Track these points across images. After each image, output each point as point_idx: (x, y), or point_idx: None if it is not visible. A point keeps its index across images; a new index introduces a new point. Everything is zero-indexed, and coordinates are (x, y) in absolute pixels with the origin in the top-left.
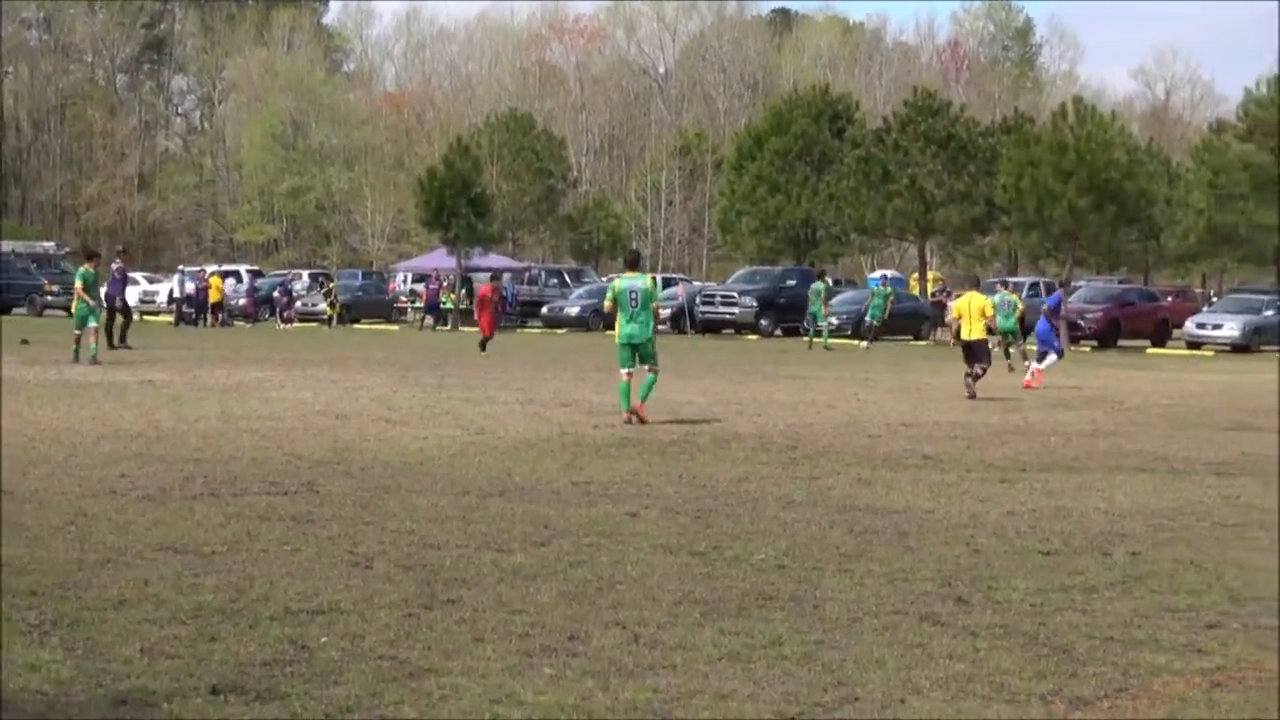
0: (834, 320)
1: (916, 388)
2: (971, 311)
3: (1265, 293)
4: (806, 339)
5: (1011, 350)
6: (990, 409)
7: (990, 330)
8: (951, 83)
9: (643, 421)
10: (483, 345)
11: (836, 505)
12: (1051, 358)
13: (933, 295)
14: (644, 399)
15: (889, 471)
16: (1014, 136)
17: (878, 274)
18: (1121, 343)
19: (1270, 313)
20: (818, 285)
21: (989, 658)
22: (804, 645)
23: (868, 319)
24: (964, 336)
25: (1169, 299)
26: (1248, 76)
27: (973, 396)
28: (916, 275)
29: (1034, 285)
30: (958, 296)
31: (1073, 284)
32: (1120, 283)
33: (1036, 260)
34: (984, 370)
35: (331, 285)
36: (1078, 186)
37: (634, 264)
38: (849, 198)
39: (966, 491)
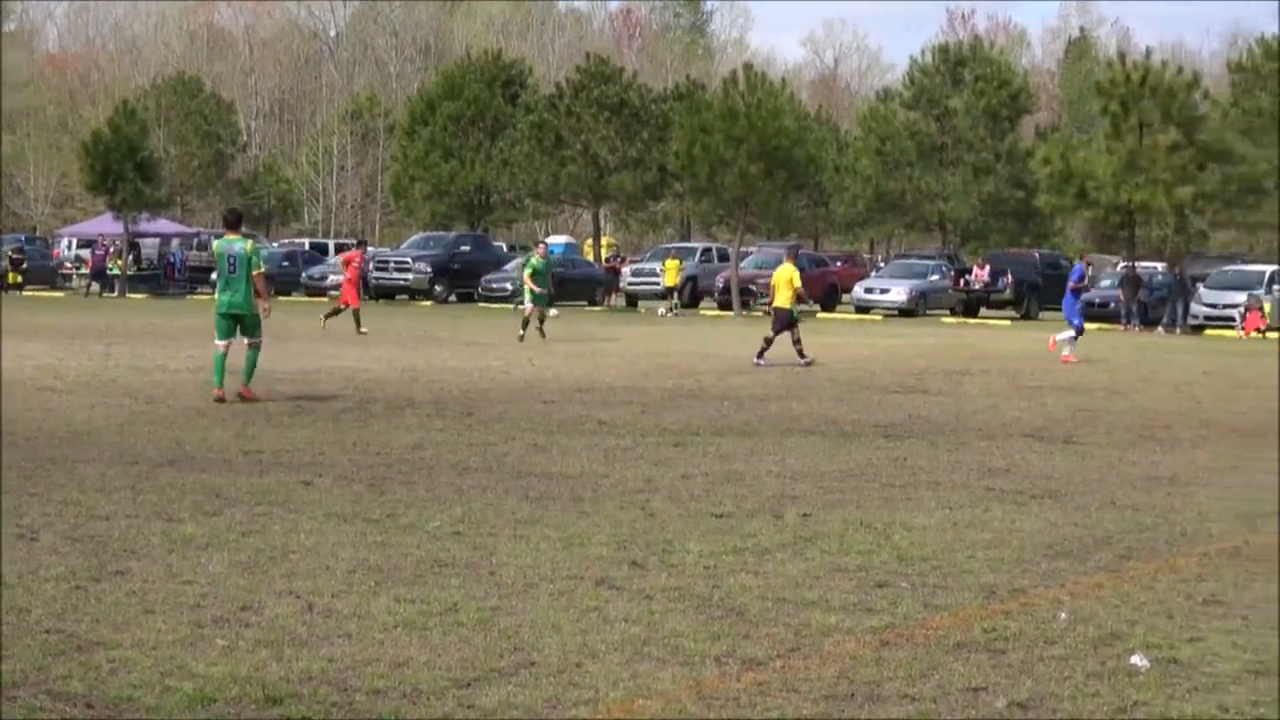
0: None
1: (591, 353)
2: (780, 281)
3: (930, 258)
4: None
5: None
6: (664, 374)
7: (800, 299)
8: (624, 49)
9: (254, 400)
10: (357, 321)
11: (512, 471)
12: (1069, 333)
13: (607, 261)
14: (248, 380)
15: (564, 437)
16: (686, 103)
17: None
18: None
19: (936, 277)
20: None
21: (664, 621)
22: (480, 611)
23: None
24: (774, 304)
25: (838, 264)
26: (913, 45)
27: (802, 358)
28: (591, 241)
29: (706, 251)
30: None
31: (743, 250)
32: (790, 248)
33: (709, 226)
34: (796, 339)
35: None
36: (749, 153)
37: (234, 224)
38: (523, 163)
39: (641, 456)
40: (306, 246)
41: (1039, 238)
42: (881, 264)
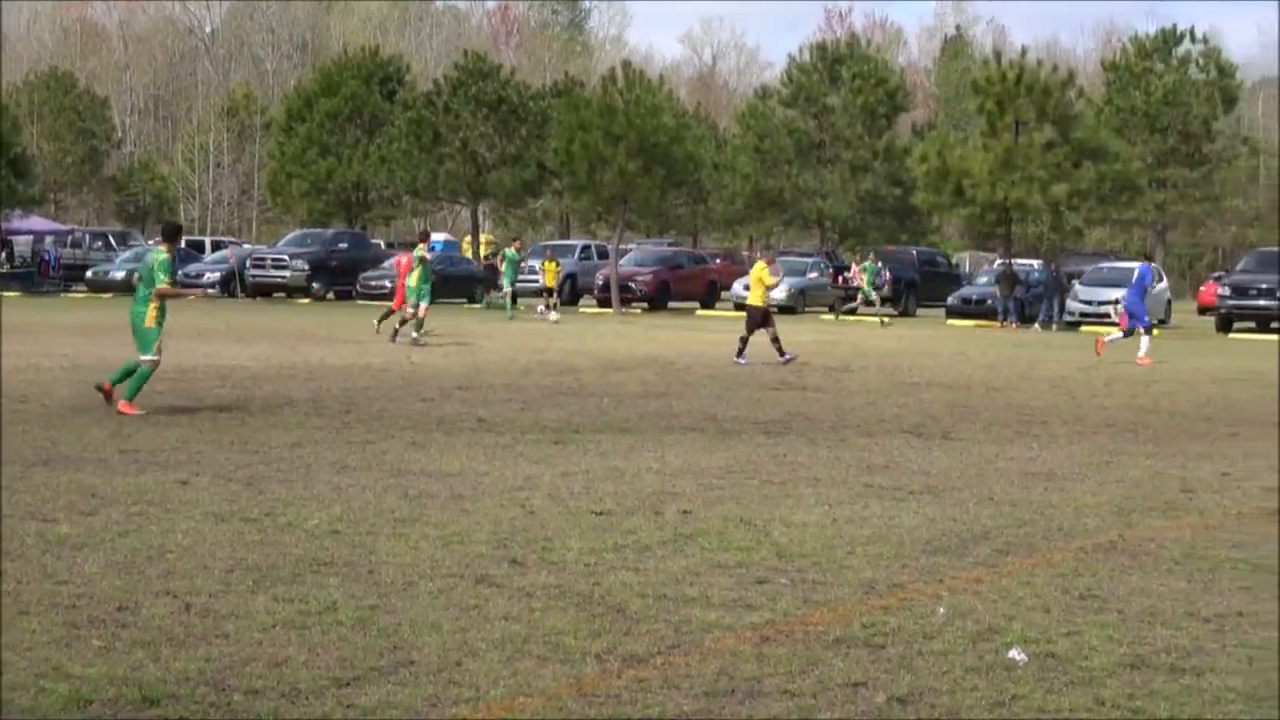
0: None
1: (471, 351)
2: (753, 280)
3: (809, 255)
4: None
5: None
6: (543, 371)
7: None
8: (502, 46)
9: (110, 403)
10: (402, 321)
11: (391, 469)
12: (1117, 334)
13: (486, 258)
14: (131, 396)
15: (444, 435)
16: (564, 101)
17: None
18: (672, 304)
19: (815, 275)
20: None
21: (544, 618)
22: (359, 610)
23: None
24: (747, 302)
25: (717, 261)
26: (791, 43)
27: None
28: (469, 238)
29: (585, 248)
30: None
31: (622, 247)
32: (670, 245)
33: (588, 224)
34: (774, 336)
35: None
36: (627, 150)
37: (169, 236)
38: (401, 160)
39: (521, 454)
40: (183, 245)
41: (916, 235)
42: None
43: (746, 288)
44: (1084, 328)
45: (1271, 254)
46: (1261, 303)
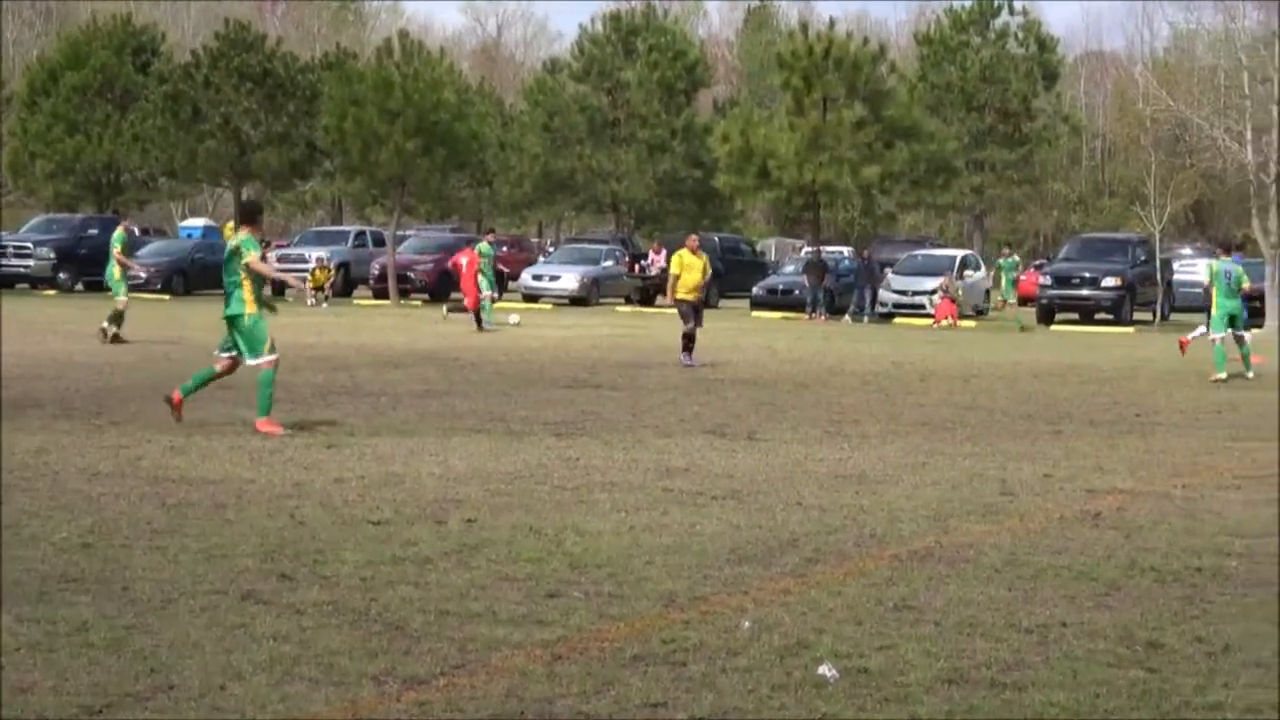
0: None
1: None
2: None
3: (603, 242)
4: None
5: None
6: (315, 368)
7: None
8: (267, 14)
9: (175, 410)
10: (477, 319)
11: (147, 476)
12: (1202, 329)
13: None
14: (265, 411)
15: (205, 438)
16: (336, 74)
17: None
18: (455, 295)
19: (610, 263)
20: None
21: (316, 637)
22: (113, 631)
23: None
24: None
25: (504, 249)
26: (582, 12)
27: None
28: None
29: (359, 235)
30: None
31: (400, 233)
32: (452, 231)
33: (363, 208)
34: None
35: None
36: (405, 128)
37: (247, 218)
38: (156, 138)
39: (290, 459)
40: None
41: (719, 220)
42: (551, 249)
43: (536, 278)
44: (897, 319)
45: (1094, 241)
46: (1085, 293)
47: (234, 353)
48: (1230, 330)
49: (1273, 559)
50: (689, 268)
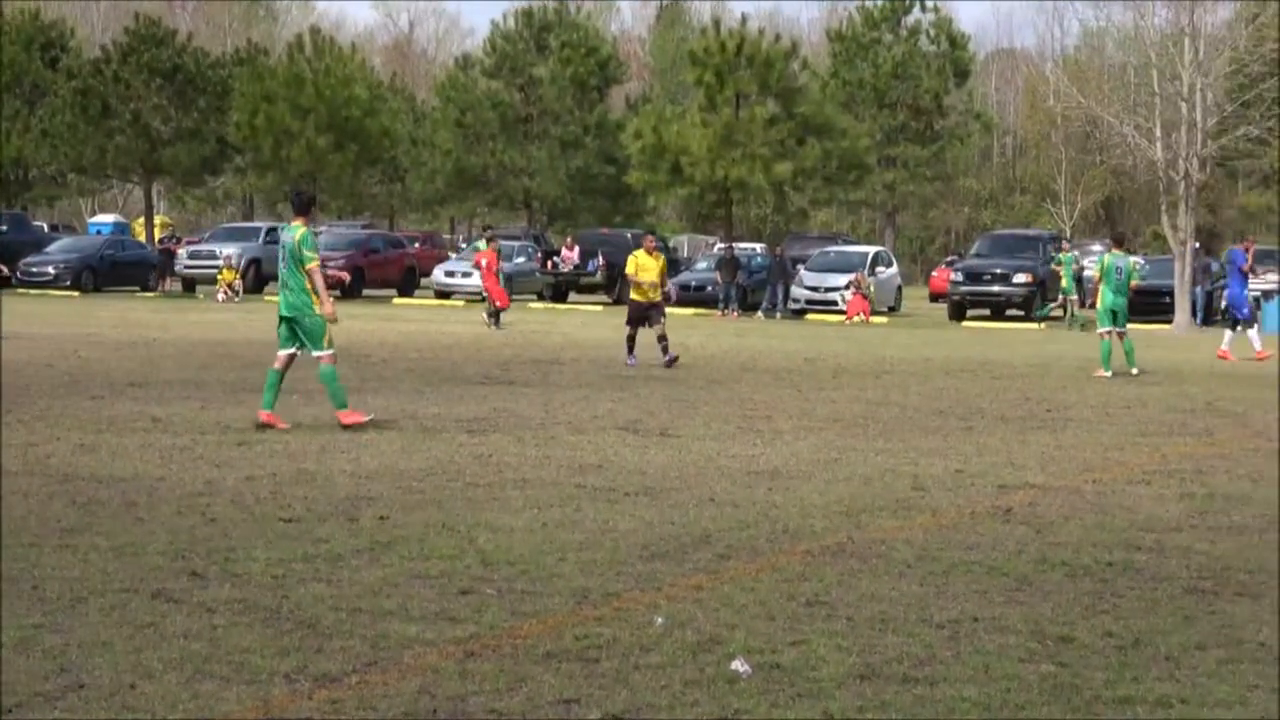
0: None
1: (146, 346)
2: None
3: (516, 238)
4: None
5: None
6: (225, 366)
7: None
8: (177, 10)
9: (357, 426)
10: (496, 318)
11: (57, 475)
12: (1243, 326)
13: (160, 242)
14: (337, 404)
15: (115, 436)
16: (247, 70)
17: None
18: (367, 292)
19: (522, 260)
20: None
21: (228, 635)
22: (21, 630)
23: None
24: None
25: (416, 245)
26: (494, 8)
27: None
28: (143, 220)
29: (271, 231)
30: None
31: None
32: (364, 228)
33: (275, 204)
34: (633, 335)
35: None
36: (316, 124)
37: (300, 209)
38: (65, 135)
39: (201, 456)
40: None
41: (631, 216)
42: (463, 245)
43: (448, 274)
44: (810, 316)
45: (1005, 237)
46: (995, 289)
47: (293, 349)
48: (1113, 326)
49: (1181, 553)
50: (643, 268)
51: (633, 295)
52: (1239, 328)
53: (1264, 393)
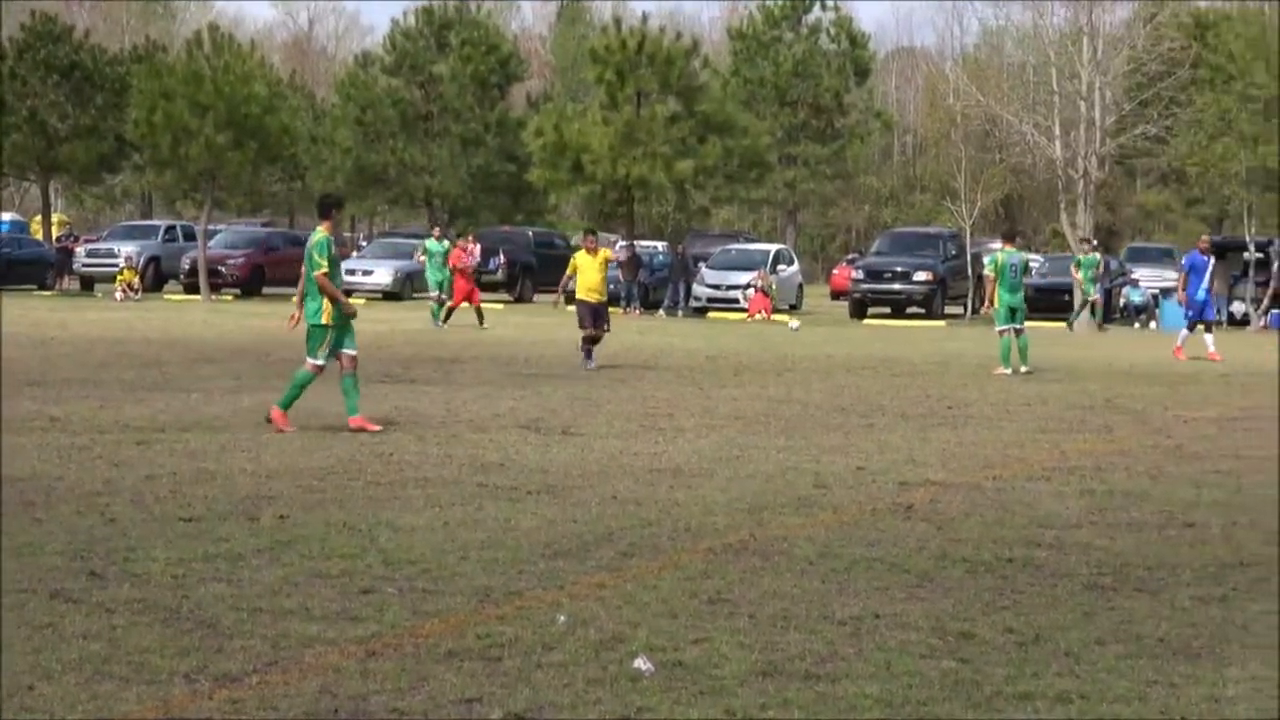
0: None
1: (43, 341)
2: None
3: (418, 236)
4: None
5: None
6: (125, 364)
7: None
8: (74, 7)
9: (365, 430)
10: (479, 317)
11: None
12: (1184, 331)
13: (58, 240)
14: (286, 404)
15: (12, 435)
16: (145, 67)
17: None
18: (267, 290)
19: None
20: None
21: (127, 636)
22: None
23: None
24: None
25: None
26: (394, 6)
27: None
28: (40, 218)
29: (170, 229)
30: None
31: (211, 228)
32: (264, 225)
33: (173, 202)
34: (604, 331)
35: None
36: (215, 122)
37: (323, 214)
38: None
39: (100, 455)
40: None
41: (533, 214)
42: (363, 243)
43: (349, 273)
44: (711, 314)
45: (906, 235)
46: (896, 287)
47: (351, 351)
48: (1011, 324)
49: (1081, 549)
50: (584, 268)
51: (580, 296)
52: (1197, 328)
53: (1161, 390)
